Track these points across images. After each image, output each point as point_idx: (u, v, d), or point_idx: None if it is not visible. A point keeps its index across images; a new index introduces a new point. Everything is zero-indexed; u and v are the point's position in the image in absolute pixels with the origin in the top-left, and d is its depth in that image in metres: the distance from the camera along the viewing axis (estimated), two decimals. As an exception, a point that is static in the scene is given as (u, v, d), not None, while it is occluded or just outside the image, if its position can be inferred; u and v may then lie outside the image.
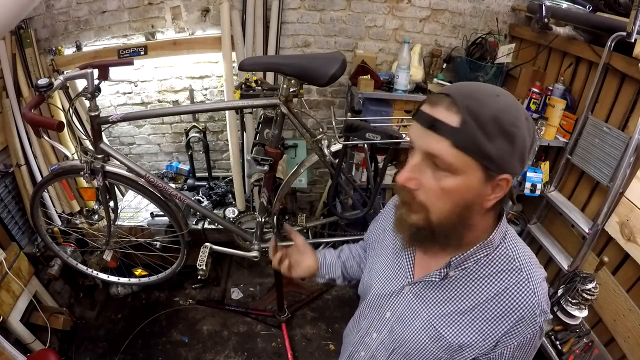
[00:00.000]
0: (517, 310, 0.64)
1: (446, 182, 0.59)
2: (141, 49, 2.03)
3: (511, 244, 0.69)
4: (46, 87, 1.34)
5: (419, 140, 0.60)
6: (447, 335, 0.69)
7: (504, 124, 0.56)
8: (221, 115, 2.42)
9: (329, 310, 2.42)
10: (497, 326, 0.66)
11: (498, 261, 0.67)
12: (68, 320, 2.09)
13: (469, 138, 0.55)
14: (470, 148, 0.56)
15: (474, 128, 0.55)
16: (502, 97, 0.58)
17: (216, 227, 2.17)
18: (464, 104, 0.56)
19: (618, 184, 1.55)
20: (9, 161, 1.97)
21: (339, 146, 1.55)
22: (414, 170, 0.61)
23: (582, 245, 1.72)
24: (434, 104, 0.58)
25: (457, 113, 0.56)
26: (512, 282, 0.65)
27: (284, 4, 2.12)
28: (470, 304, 0.68)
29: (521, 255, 0.68)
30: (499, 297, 0.66)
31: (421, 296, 0.73)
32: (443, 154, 0.57)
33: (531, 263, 0.67)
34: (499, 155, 0.56)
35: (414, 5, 2.22)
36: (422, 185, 0.61)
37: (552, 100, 1.80)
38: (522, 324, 0.64)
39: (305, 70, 1.37)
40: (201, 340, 2.22)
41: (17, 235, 2.01)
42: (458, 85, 0.61)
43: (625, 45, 1.49)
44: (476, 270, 0.68)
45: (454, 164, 0.57)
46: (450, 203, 0.60)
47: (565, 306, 1.67)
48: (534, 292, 0.64)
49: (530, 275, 0.65)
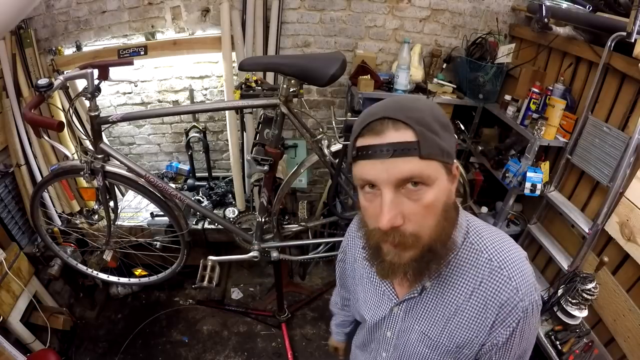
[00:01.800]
0: (495, 299, 0.65)
1: (426, 197, 0.58)
2: (141, 49, 2.03)
3: (476, 236, 0.68)
4: (46, 87, 1.34)
5: (384, 174, 0.57)
6: (442, 341, 0.71)
7: (439, 119, 0.59)
8: (221, 115, 2.42)
9: (329, 310, 2.38)
10: (482, 320, 0.67)
11: (466, 258, 0.68)
12: (68, 320, 2.09)
13: (428, 144, 0.56)
14: (433, 152, 0.56)
15: (427, 133, 0.56)
16: (421, 100, 0.61)
17: (216, 227, 2.17)
18: (408, 118, 0.56)
19: (618, 184, 1.55)
20: (9, 161, 1.97)
21: (339, 146, 1.55)
22: (393, 206, 0.57)
23: (582, 245, 1.72)
24: (380, 132, 0.57)
25: (407, 128, 0.56)
26: (485, 274, 0.66)
27: (284, 4, 2.12)
28: (453, 307, 0.69)
29: (488, 245, 0.67)
30: (476, 293, 0.66)
31: (409, 312, 0.75)
32: (417, 170, 0.56)
33: (501, 250, 0.67)
34: (450, 146, 0.60)
35: (414, 5, 2.22)
36: (406, 215, 0.58)
37: (552, 100, 1.80)
38: (503, 312, 0.65)
39: (305, 70, 1.37)
40: (201, 340, 2.22)
41: (17, 235, 2.01)
42: (383, 107, 0.59)
43: (625, 45, 1.49)
44: (449, 273, 0.68)
45: (428, 174, 0.57)
46: (434, 216, 0.60)
47: (565, 306, 1.67)
48: (509, 278, 0.64)
49: (502, 263, 0.65)
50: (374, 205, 0.60)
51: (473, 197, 2.23)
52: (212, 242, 2.26)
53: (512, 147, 2.11)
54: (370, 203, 0.61)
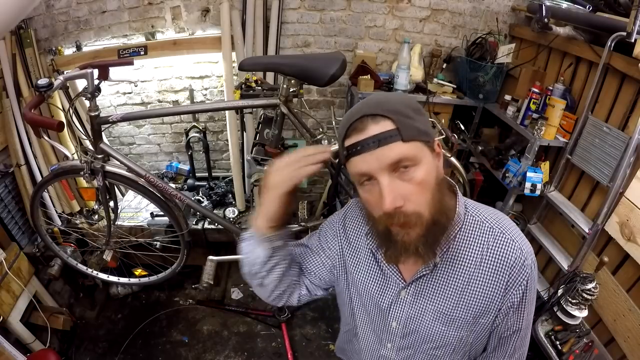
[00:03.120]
0: (505, 261, 0.70)
1: (417, 175, 0.63)
2: (141, 49, 2.03)
3: (474, 210, 0.75)
4: (46, 87, 1.34)
5: (375, 163, 0.63)
6: (459, 315, 0.74)
7: (412, 105, 0.66)
8: (221, 115, 2.42)
9: (329, 310, 2.42)
10: (496, 285, 0.71)
11: (471, 230, 0.73)
12: (68, 320, 2.09)
13: (407, 128, 0.62)
14: (413, 134, 0.63)
15: (403, 120, 0.63)
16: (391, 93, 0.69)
17: (216, 227, 2.17)
18: (384, 110, 0.63)
19: (618, 184, 1.55)
20: (9, 161, 1.97)
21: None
22: (391, 189, 0.63)
23: (582, 245, 1.72)
24: (363, 128, 0.63)
25: (385, 119, 0.63)
26: (490, 241, 0.72)
27: (284, 4, 2.12)
28: (465, 278, 0.72)
29: (487, 215, 0.74)
30: (486, 260, 0.71)
31: (420, 293, 0.76)
32: (403, 153, 0.62)
33: (498, 219, 0.74)
34: (426, 126, 0.67)
35: (414, 5, 2.22)
36: (404, 196, 0.64)
37: (552, 100, 1.79)
38: (514, 272, 0.70)
39: (305, 70, 1.37)
40: (201, 340, 2.22)
41: (17, 235, 2.01)
42: (360, 106, 0.67)
43: (625, 45, 1.49)
44: (456, 247, 0.73)
45: (414, 154, 0.63)
46: (429, 191, 0.65)
47: (565, 306, 1.67)
48: (512, 240, 0.71)
49: (502, 229, 0.72)
50: (374, 195, 0.65)
51: (473, 197, 2.23)
52: (212, 242, 2.26)
53: (512, 147, 2.11)
54: (371, 194, 0.66)
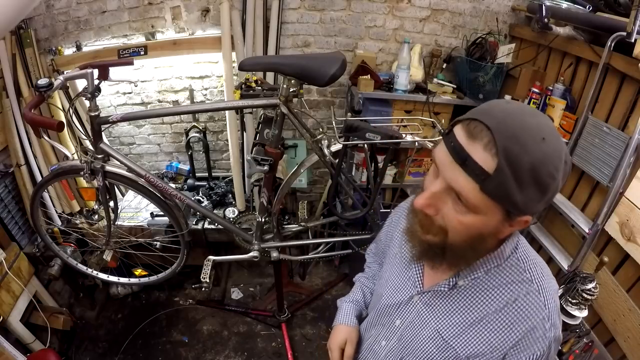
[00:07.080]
0: (526, 321, 0.63)
1: (465, 218, 0.57)
2: (141, 49, 2.03)
3: (523, 255, 0.67)
4: (46, 87, 1.34)
5: (445, 170, 0.56)
6: (455, 345, 0.69)
7: (541, 175, 0.52)
8: (221, 115, 2.42)
9: (329, 310, 2.42)
10: (505, 338, 0.64)
11: (508, 272, 0.66)
12: (68, 320, 2.09)
13: (500, 186, 0.51)
14: (498, 195, 0.52)
15: (508, 177, 0.50)
16: (547, 141, 0.52)
17: (216, 227, 2.17)
18: (504, 146, 0.50)
19: (618, 184, 1.55)
20: (9, 161, 1.97)
21: (339, 146, 1.55)
22: (435, 198, 0.58)
23: (582, 245, 1.72)
24: (472, 137, 0.53)
25: (494, 156, 0.51)
26: (522, 292, 0.64)
27: (284, 4, 2.12)
28: (479, 314, 0.67)
29: (533, 266, 0.66)
30: (508, 308, 0.64)
31: (430, 305, 0.73)
32: (469, 196, 0.54)
33: (543, 275, 0.66)
34: (525, 203, 0.53)
35: (414, 5, 2.22)
36: (440, 212, 0.59)
37: (552, 100, 1.79)
38: (530, 337, 0.63)
39: (305, 70, 1.37)
40: (201, 340, 2.22)
41: (17, 235, 2.01)
42: (502, 114, 0.53)
43: (625, 45, 1.49)
44: (486, 280, 0.67)
45: (477, 206, 0.54)
46: (466, 234, 0.59)
47: (565, 306, 1.67)
48: (544, 304, 0.63)
49: (541, 287, 0.64)
50: (427, 183, 0.62)
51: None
52: (212, 242, 2.26)
53: (512, 147, 2.11)
54: (427, 179, 0.62)
